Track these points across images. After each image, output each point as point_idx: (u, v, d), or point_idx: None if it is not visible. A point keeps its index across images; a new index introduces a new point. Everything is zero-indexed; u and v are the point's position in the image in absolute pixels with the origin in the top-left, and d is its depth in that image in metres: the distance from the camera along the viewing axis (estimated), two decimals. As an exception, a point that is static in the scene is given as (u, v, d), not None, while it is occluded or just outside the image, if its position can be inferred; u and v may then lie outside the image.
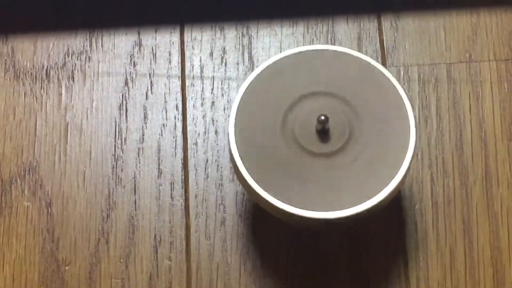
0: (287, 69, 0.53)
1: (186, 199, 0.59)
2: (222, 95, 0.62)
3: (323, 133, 0.51)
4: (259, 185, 0.50)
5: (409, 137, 0.51)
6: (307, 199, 0.50)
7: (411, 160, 0.51)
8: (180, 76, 0.62)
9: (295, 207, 0.50)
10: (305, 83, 0.52)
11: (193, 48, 0.63)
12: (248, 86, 0.52)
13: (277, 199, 0.50)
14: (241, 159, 0.51)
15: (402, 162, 0.50)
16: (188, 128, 0.61)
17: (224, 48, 0.63)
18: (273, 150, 0.51)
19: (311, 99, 0.52)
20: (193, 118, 0.61)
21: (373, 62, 0.53)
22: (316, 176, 0.50)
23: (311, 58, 0.53)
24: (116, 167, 0.60)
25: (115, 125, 0.61)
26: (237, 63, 0.63)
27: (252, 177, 0.51)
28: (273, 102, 0.52)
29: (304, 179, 0.50)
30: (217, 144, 0.60)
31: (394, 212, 0.58)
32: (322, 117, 0.50)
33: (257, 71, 0.53)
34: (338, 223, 0.50)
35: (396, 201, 0.59)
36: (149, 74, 0.62)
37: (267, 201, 0.50)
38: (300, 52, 0.53)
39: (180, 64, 0.63)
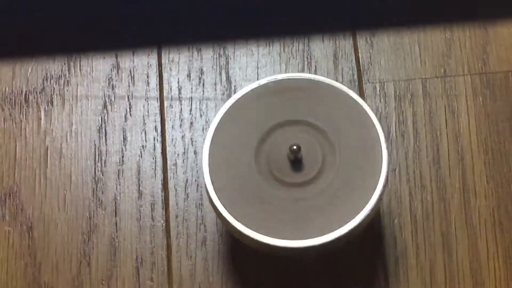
0: (260, 98, 0.53)
1: (167, 220, 0.60)
2: (201, 115, 0.62)
3: (296, 162, 0.51)
4: (232, 216, 0.50)
5: (381, 162, 0.51)
6: (282, 229, 0.50)
7: (384, 187, 0.51)
8: (159, 97, 0.63)
9: (269, 236, 0.50)
10: (279, 112, 0.53)
11: (170, 69, 0.64)
12: (222, 116, 0.53)
13: (252, 229, 0.50)
14: (214, 189, 0.51)
15: (374, 188, 0.51)
16: (168, 149, 0.61)
17: (202, 69, 0.64)
18: (247, 181, 0.51)
19: (284, 128, 0.52)
20: (172, 139, 0.62)
21: (345, 89, 0.53)
22: (289, 205, 0.50)
23: (284, 87, 0.53)
24: (97, 190, 0.60)
25: (95, 148, 0.61)
26: (215, 84, 0.63)
27: (225, 208, 0.51)
28: (247, 132, 0.52)
29: (277, 209, 0.50)
30: (196, 165, 0.61)
31: (373, 227, 0.59)
32: (294, 147, 0.50)
33: (230, 101, 0.53)
34: (313, 250, 0.50)
35: (375, 217, 0.59)
36: (128, 96, 0.63)
37: (241, 232, 0.50)
38: (273, 81, 0.53)
39: (158, 86, 0.63)
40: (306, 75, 0.53)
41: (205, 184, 0.51)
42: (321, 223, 0.50)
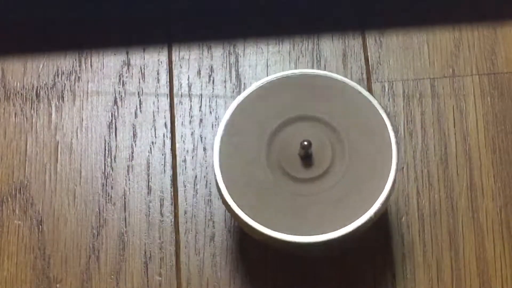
0: (271, 93, 0.53)
1: (176, 216, 0.60)
2: (210, 112, 0.63)
3: (306, 158, 0.51)
4: (243, 211, 0.50)
5: (391, 158, 0.51)
6: (291, 224, 0.50)
7: (394, 182, 0.51)
8: (169, 94, 0.63)
9: (279, 232, 0.50)
10: (288, 108, 0.53)
11: (181, 67, 0.64)
12: (232, 112, 0.53)
13: (262, 224, 0.50)
14: (225, 186, 0.51)
15: (384, 185, 0.51)
16: (177, 145, 0.62)
17: (212, 67, 0.64)
18: (257, 177, 0.51)
19: (295, 124, 0.52)
20: (182, 135, 0.62)
21: (354, 85, 0.53)
22: (300, 201, 0.51)
23: (294, 83, 0.54)
24: (106, 185, 0.61)
25: (105, 144, 0.62)
26: (224, 81, 0.64)
27: (236, 204, 0.51)
28: (257, 128, 0.52)
29: (288, 205, 0.51)
30: (205, 161, 0.61)
31: (381, 225, 0.59)
32: (305, 143, 0.50)
33: (240, 97, 0.53)
34: (323, 246, 0.50)
35: (382, 214, 0.59)
36: (138, 93, 0.63)
37: (251, 227, 0.50)
38: (282, 77, 0.54)
39: (168, 83, 0.64)
40: (315, 71, 0.54)
41: (216, 180, 0.52)
42: (330, 219, 0.50)
